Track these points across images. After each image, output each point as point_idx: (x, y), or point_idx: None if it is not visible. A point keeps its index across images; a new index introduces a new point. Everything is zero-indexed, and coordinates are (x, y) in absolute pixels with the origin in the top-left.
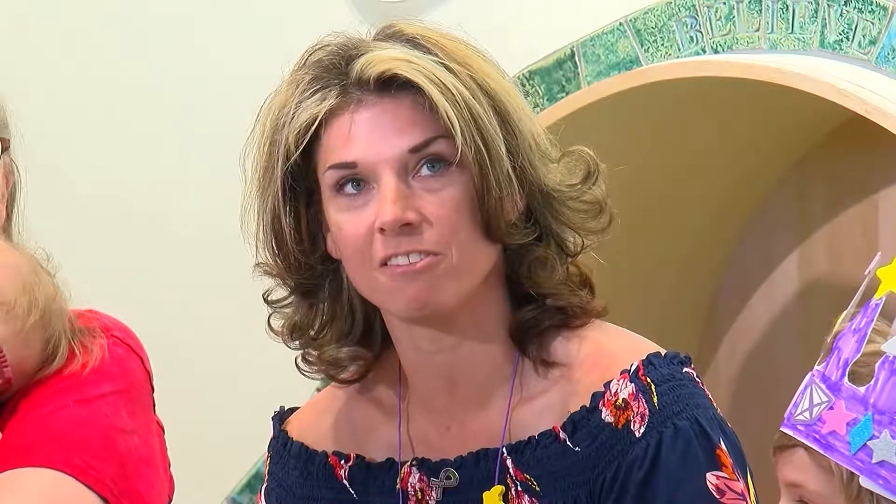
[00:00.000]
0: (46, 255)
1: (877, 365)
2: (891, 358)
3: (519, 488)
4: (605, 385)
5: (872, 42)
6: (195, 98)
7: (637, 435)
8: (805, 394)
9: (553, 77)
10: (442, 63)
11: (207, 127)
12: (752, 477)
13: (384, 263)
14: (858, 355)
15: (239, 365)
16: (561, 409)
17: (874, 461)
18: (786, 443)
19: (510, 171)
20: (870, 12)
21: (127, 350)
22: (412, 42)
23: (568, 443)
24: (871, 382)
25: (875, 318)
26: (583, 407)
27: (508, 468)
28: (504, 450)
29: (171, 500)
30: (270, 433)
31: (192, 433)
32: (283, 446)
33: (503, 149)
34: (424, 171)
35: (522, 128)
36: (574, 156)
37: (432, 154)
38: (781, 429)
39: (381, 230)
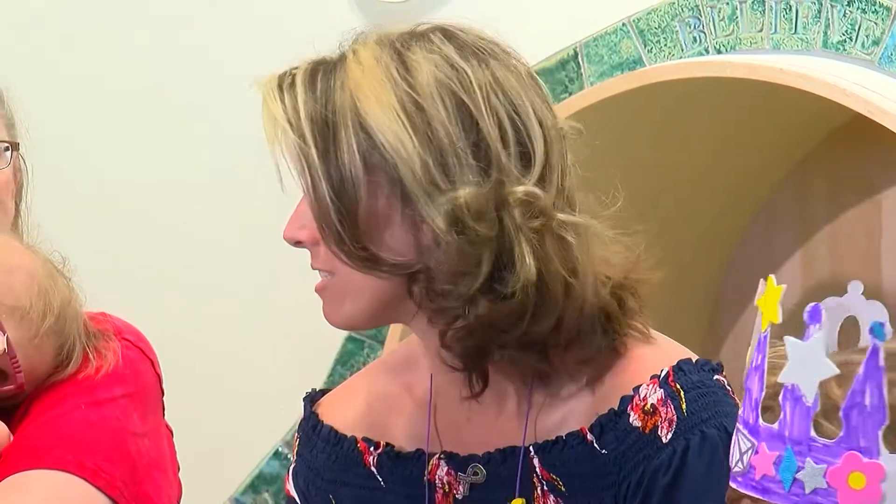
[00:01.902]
0: (62, 258)
1: (780, 398)
2: (789, 387)
3: (545, 487)
4: (634, 389)
5: (876, 42)
6: (196, 98)
7: (664, 440)
8: (735, 443)
9: (556, 77)
10: (293, 79)
11: (209, 127)
12: None
13: None
14: (763, 392)
15: (242, 367)
16: (588, 410)
17: (807, 492)
18: (733, 496)
19: (367, 208)
20: (873, 13)
21: (138, 353)
22: (329, 64)
23: (595, 445)
24: (781, 416)
25: (767, 350)
26: (611, 410)
27: (535, 467)
28: (531, 449)
29: (179, 503)
30: (280, 423)
31: (194, 435)
32: (312, 428)
33: (324, 184)
34: None
35: (399, 165)
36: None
37: None
38: (730, 483)
39: None
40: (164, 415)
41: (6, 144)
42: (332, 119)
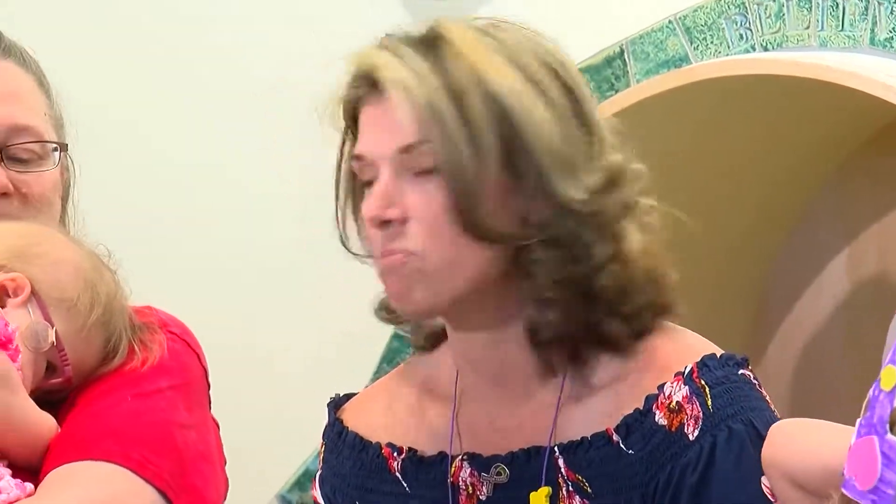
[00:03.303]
0: (107, 252)
1: None
2: None
3: (570, 488)
4: (658, 388)
5: None
6: (242, 95)
7: (691, 438)
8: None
9: (602, 75)
10: (432, 64)
11: (254, 124)
12: None
13: (376, 255)
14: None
15: (289, 365)
16: (613, 410)
17: None
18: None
19: (495, 178)
20: None
21: (184, 346)
22: (425, 41)
23: (621, 445)
24: None
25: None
26: (636, 409)
27: (560, 468)
28: (556, 449)
29: (225, 498)
30: (325, 421)
31: (243, 432)
32: (337, 435)
33: (492, 155)
34: (415, 171)
35: (531, 133)
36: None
37: (423, 156)
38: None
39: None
40: (210, 408)
41: (54, 145)
42: (459, 87)
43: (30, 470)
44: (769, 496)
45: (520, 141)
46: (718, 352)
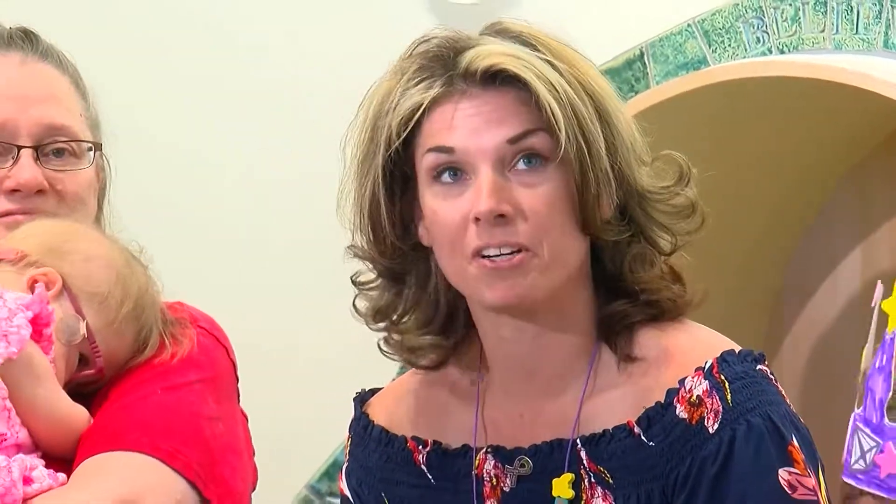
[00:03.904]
0: (139, 247)
1: None
2: None
3: (592, 479)
4: (679, 382)
5: None
6: (274, 98)
7: (710, 431)
8: (854, 441)
9: (623, 77)
10: (548, 61)
11: (285, 126)
12: (823, 471)
13: (476, 254)
14: (890, 392)
15: (318, 359)
16: (634, 403)
17: None
18: (851, 492)
19: (608, 169)
20: None
21: (213, 341)
22: (519, 39)
23: (642, 437)
24: None
25: (894, 352)
26: (657, 403)
27: (582, 459)
28: (578, 441)
29: (254, 488)
30: (352, 414)
31: (274, 424)
32: (363, 429)
33: (603, 147)
34: (521, 165)
35: (621, 129)
36: (665, 159)
37: (529, 146)
38: (843, 479)
39: (477, 220)
40: (238, 401)
41: (89, 145)
42: (573, 83)
43: (64, 460)
44: (786, 488)
45: (611, 137)
46: (737, 348)
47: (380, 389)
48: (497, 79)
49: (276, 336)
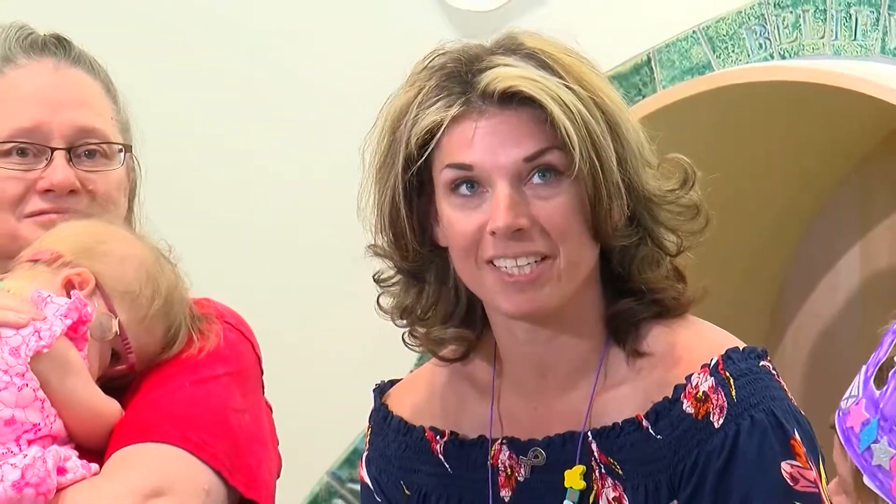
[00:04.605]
0: (168, 246)
1: (891, 372)
2: None
3: (602, 471)
4: (686, 378)
5: None
6: (296, 105)
7: (716, 426)
8: (854, 381)
9: (630, 81)
10: (563, 81)
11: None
12: (824, 463)
13: (490, 261)
14: (885, 357)
15: (339, 352)
16: (643, 398)
17: (873, 463)
18: (832, 425)
19: (619, 181)
20: None
21: (239, 335)
22: (533, 58)
23: (651, 431)
24: (884, 388)
25: None
26: (665, 398)
27: (593, 451)
28: (590, 434)
29: (278, 476)
30: (371, 405)
31: (296, 414)
32: (382, 419)
33: (614, 161)
34: (536, 179)
35: (630, 139)
36: (672, 162)
37: (545, 163)
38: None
39: (493, 233)
40: (263, 392)
41: (120, 146)
42: (587, 100)
43: (96, 451)
44: (788, 480)
45: (622, 149)
46: (741, 345)
47: (398, 381)
48: (514, 99)
49: (298, 331)
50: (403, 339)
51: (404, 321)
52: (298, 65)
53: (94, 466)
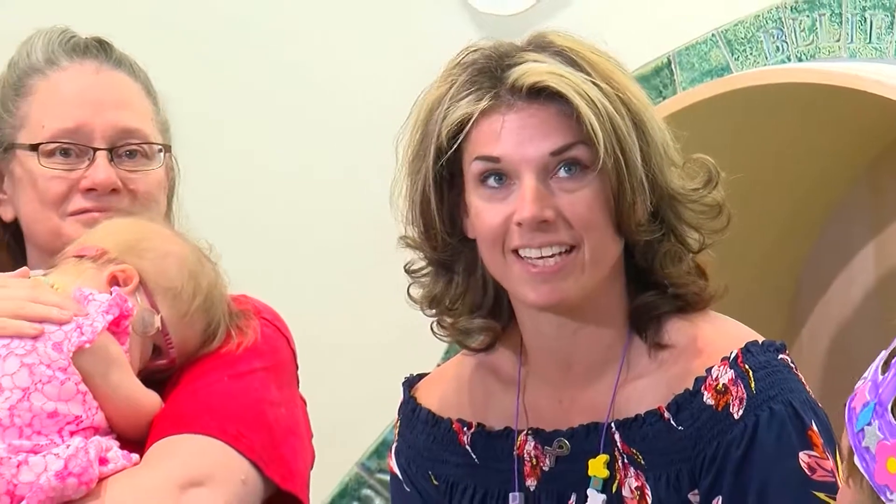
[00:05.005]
0: (208, 245)
1: (894, 359)
2: None
3: (625, 460)
4: (706, 370)
5: None
6: (324, 108)
7: (735, 417)
8: (872, 364)
9: (651, 83)
10: (589, 78)
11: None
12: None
13: (516, 251)
14: (895, 345)
15: (369, 347)
16: (665, 390)
17: (863, 445)
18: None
19: (643, 178)
20: None
21: (275, 331)
22: (562, 55)
23: (672, 422)
24: (886, 374)
25: None
26: (686, 390)
27: (616, 441)
28: (613, 424)
29: (312, 467)
30: (400, 398)
31: (326, 407)
32: (411, 411)
33: (638, 158)
34: (562, 172)
35: (655, 137)
36: (696, 162)
37: (571, 158)
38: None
39: (519, 224)
40: (298, 387)
41: (160, 147)
42: (612, 96)
43: (137, 442)
44: (805, 470)
45: (646, 146)
46: (760, 338)
47: (427, 375)
48: (541, 94)
49: (330, 328)
50: (432, 329)
51: (433, 311)
52: (327, 69)
53: (135, 457)
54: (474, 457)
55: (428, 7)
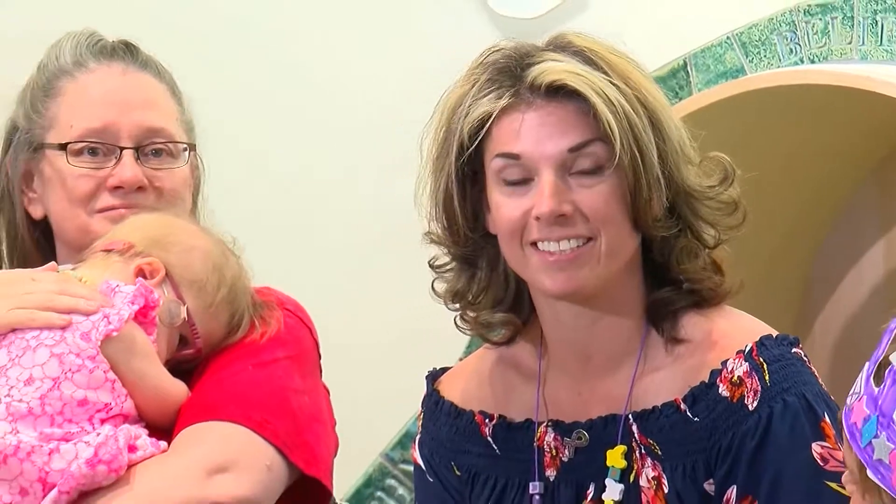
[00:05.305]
0: (232, 239)
1: (888, 370)
2: (894, 368)
3: (643, 451)
4: (722, 363)
5: None
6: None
7: (750, 409)
8: (858, 378)
9: (668, 85)
10: (607, 77)
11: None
12: None
13: (534, 244)
14: (882, 356)
15: (393, 340)
16: (681, 382)
17: (874, 458)
18: (839, 420)
19: (659, 174)
20: None
21: (298, 321)
22: (580, 55)
23: (688, 413)
24: (882, 386)
25: None
26: (702, 382)
27: (634, 433)
28: (630, 416)
29: (336, 454)
30: (423, 391)
31: (351, 399)
32: (434, 404)
33: (655, 155)
34: (579, 168)
35: (672, 135)
36: (713, 161)
37: (588, 154)
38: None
39: (537, 218)
40: (321, 375)
41: (185, 145)
42: (629, 96)
43: (165, 430)
44: (818, 460)
45: (662, 144)
46: (774, 332)
47: (449, 368)
48: (559, 92)
49: (355, 323)
50: (455, 323)
51: (457, 305)
52: (349, 70)
53: (163, 444)
54: (495, 448)
55: (448, 10)
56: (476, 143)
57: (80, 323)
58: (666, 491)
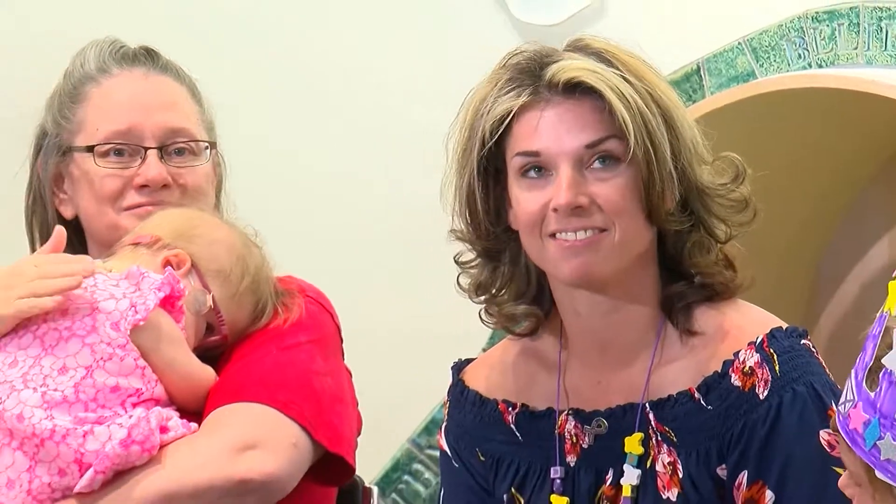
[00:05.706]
0: (254, 231)
1: (881, 374)
2: (889, 370)
3: (658, 438)
4: (734, 354)
5: None
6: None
7: (761, 398)
8: (847, 385)
9: (681, 88)
10: (622, 75)
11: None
12: None
13: (552, 235)
14: (872, 361)
15: (419, 331)
16: (695, 372)
17: (882, 458)
18: (834, 428)
19: (672, 169)
20: None
21: (319, 307)
22: (597, 55)
23: (702, 402)
24: (877, 389)
25: (883, 328)
26: (715, 372)
27: (650, 421)
28: (647, 405)
29: (359, 434)
30: (450, 380)
31: (379, 386)
32: (460, 393)
33: (668, 151)
34: (596, 164)
35: (685, 133)
36: (725, 160)
37: (604, 150)
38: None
39: (555, 210)
40: (343, 358)
41: (206, 144)
42: (643, 93)
43: (196, 414)
44: (826, 447)
45: (675, 141)
46: (783, 324)
47: (474, 359)
48: (576, 90)
49: (383, 315)
50: (480, 316)
51: (481, 298)
52: (373, 75)
53: (194, 425)
54: (518, 435)
55: (471, 17)
56: (497, 139)
57: (109, 313)
58: (681, 476)
